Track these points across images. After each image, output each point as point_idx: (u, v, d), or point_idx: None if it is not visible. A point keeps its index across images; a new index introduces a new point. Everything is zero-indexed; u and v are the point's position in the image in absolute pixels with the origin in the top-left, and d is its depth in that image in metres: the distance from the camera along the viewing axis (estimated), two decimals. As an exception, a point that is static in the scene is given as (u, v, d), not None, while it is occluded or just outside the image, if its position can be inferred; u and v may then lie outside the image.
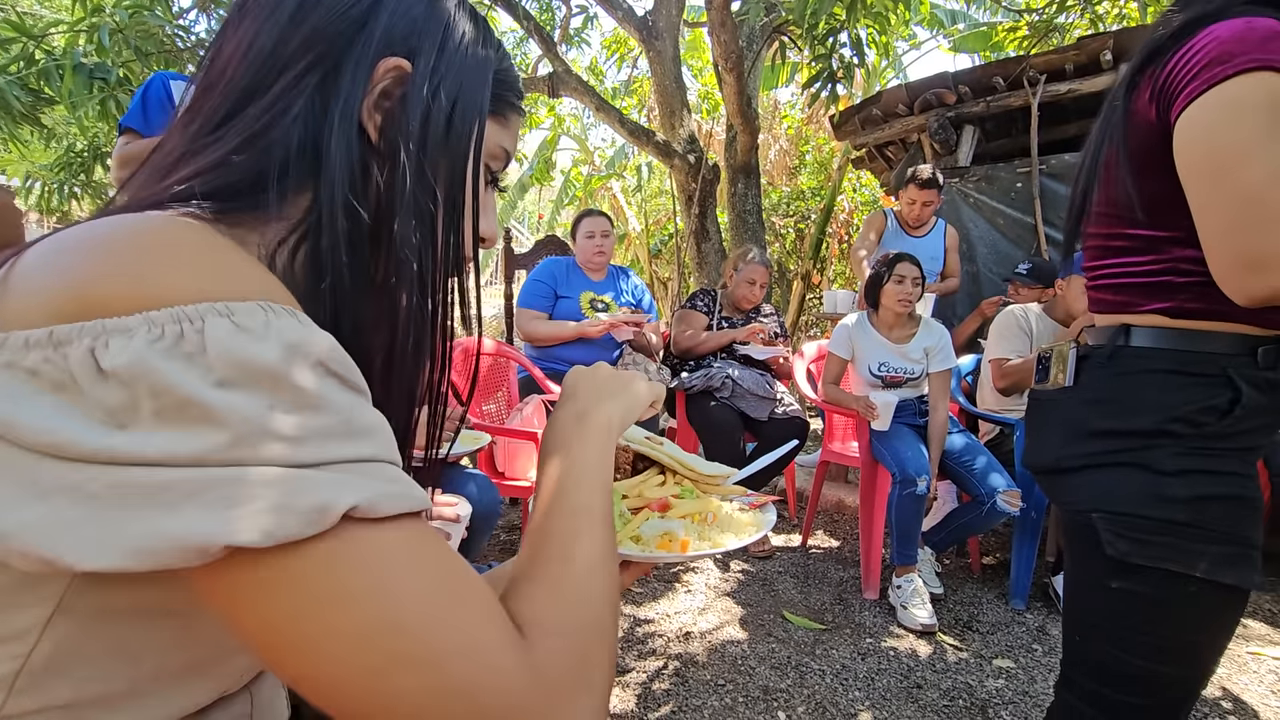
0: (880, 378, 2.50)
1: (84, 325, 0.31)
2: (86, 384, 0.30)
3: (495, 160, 0.54)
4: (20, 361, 0.31)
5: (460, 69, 0.48)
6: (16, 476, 0.30)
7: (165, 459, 0.30)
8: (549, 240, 3.83)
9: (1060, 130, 4.08)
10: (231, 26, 0.46)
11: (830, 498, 3.31)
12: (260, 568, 0.31)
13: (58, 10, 6.66)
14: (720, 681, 1.80)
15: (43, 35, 3.35)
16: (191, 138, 0.43)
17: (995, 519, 2.19)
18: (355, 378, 0.37)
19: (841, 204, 7.87)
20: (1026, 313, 2.55)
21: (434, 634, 0.33)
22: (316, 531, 0.31)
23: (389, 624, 0.32)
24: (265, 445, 0.31)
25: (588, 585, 0.43)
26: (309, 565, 0.32)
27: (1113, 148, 0.83)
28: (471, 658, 0.34)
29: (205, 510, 0.30)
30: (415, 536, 0.35)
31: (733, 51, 4.19)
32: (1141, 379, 0.82)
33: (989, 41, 6.81)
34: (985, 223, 3.93)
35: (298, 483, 0.31)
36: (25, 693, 0.34)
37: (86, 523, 0.30)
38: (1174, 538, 0.78)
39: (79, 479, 0.30)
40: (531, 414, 2.41)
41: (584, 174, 10.25)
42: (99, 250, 0.34)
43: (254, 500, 0.30)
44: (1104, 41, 3.55)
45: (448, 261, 0.48)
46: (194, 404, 0.31)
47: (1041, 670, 1.90)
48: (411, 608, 0.33)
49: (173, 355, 0.31)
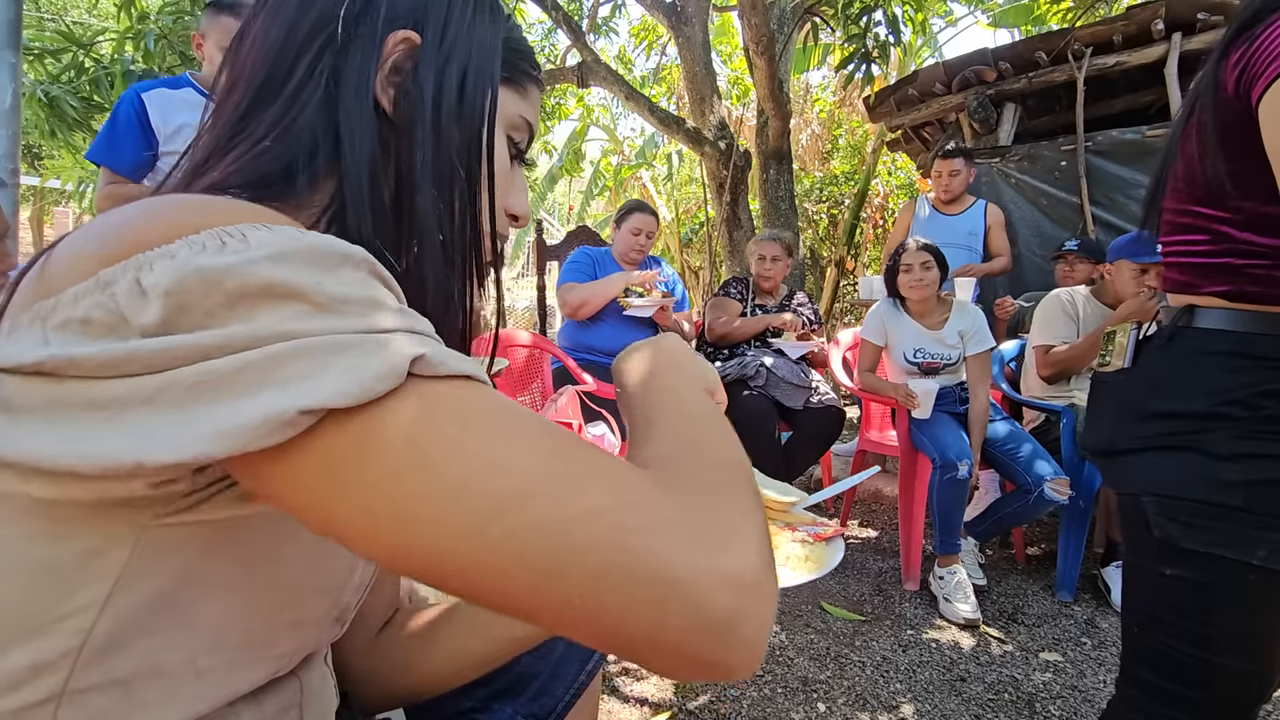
0: (916, 364, 2.45)
1: (128, 262, 0.32)
2: (133, 311, 0.31)
3: (516, 131, 0.53)
4: (73, 315, 0.32)
5: (469, 37, 0.48)
6: (92, 403, 0.31)
7: (227, 347, 0.30)
8: (580, 231, 3.83)
9: (1107, 105, 3.94)
10: (249, 25, 0.47)
11: (867, 487, 3.27)
12: (340, 436, 0.30)
13: (105, 19, 6.87)
14: (758, 672, 1.80)
15: (91, 43, 3.47)
16: (219, 137, 0.45)
17: (1042, 508, 2.13)
18: (395, 286, 0.37)
19: (876, 188, 7.71)
20: (1074, 296, 2.46)
21: (541, 467, 0.31)
22: (390, 387, 0.30)
23: (489, 467, 0.30)
24: (320, 317, 0.31)
25: (709, 438, 0.41)
26: (389, 422, 0.30)
27: (1197, 118, 0.79)
28: (591, 479, 0.31)
29: (278, 386, 0.30)
30: (490, 392, 0.34)
31: (764, 35, 4.12)
32: (1199, 361, 0.80)
33: (1030, 15, 6.56)
34: (1028, 203, 3.81)
35: (364, 344, 0.31)
36: (88, 668, 0.35)
37: (167, 424, 0.30)
38: (1228, 523, 0.75)
39: (150, 388, 0.30)
40: (566, 405, 2.42)
41: (614, 164, 10.23)
42: (138, 210, 0.35)
43: (322, 369, 0.30)
44: (1155, 10, 3.40)
45: (468, 234, 0.48)
46: (246, 288, 0.31)
47: (1090, 664, 1.85)
48: (508, 447, 0.31)
49: (219, 255, 0.31)
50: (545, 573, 0.29)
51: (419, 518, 0.30)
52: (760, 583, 0.32)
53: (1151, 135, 3.40)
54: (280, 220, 0.36)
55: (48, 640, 0.35)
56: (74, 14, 6.57)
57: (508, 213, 0.54)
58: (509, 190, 0.53)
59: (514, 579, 0.30)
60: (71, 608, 0.35)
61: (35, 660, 0.35)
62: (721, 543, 0.32)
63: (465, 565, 0.30)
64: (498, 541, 0.29)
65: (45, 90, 3.26)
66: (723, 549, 0.31)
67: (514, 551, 0.29)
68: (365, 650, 0.65)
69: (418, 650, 0.65)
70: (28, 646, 0.35)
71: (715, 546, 0.31)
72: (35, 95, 3.23)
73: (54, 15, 4.93)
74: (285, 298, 0.31)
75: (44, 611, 0.35)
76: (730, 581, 0.30)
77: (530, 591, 0.30)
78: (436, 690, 0.66)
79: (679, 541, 0.31)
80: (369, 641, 0.65)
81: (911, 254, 2.41)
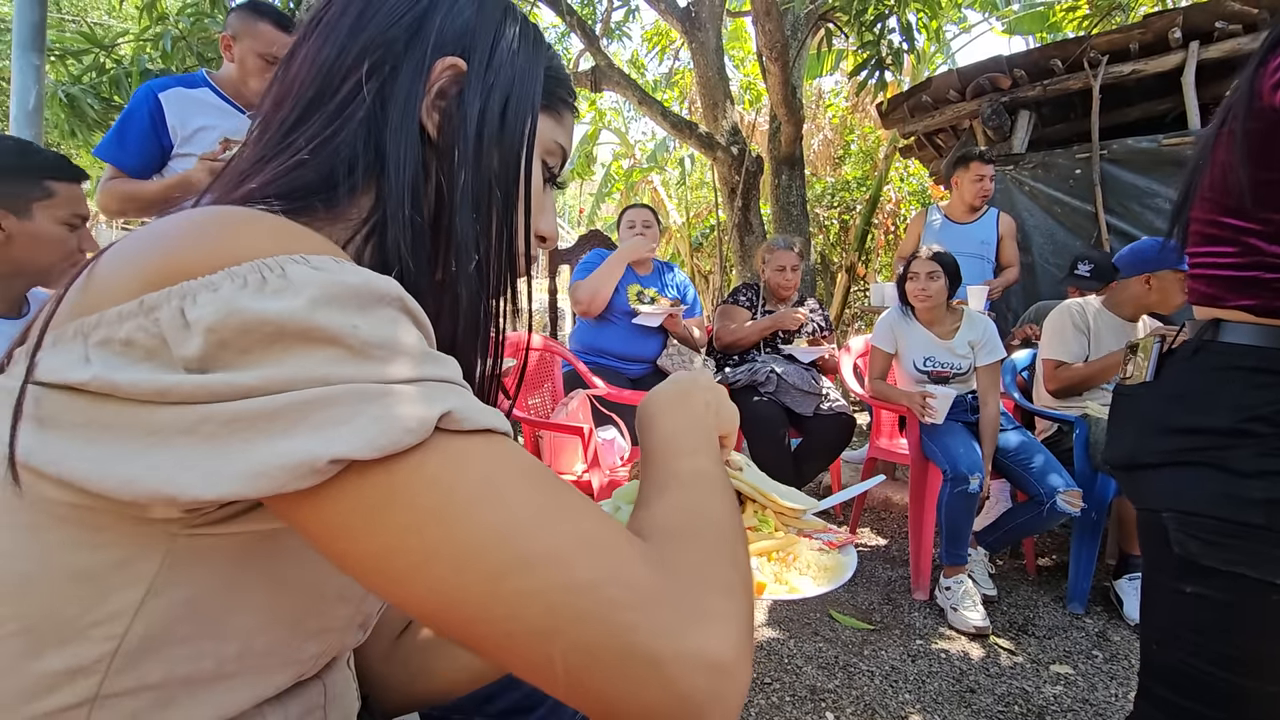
0: (926, 373, 2.44)
1: (171, 289, 0.33)
2: (176, 341, 0.32)
3: (551, 156, 0.54)
4: (115, 335, 0.33)
5: (512, 66, 0.49)
6: (131, 427, 0.32)
7: (262, 388, 0.31)
8: (592, 235, 3.84)
9: (1122, 114, 3.90)
10: (300, 44, 0.49)
11: (877, 495, 3.25)
12: (366, 484, 0.32)
13: (125, 20, 6.96)
14: (766, 680, 1.79)
15: (112, 45, 3.51)
16: (265, 147, 0.46)
17: (1054, 519, 2.12)
18: (425, 321, 0.38)
19: (888, 194, 7.68)
20: (1084, 308, 2.44)
21: (549, 531, 0.33)
22: (417, 441, 0.32)
23: (502, 527, 0.32)
24: (354, 363, 0.33)
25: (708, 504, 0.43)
26: (415, 476, 0.32)
27: (1229, 126, 0.79)
28: (591, 551, 0.33)
29: (311, 431, 0.31)
30: (510, 448, 0.35)
31: (777, 40, 4.12)
32: (1224, 376, 0.79)
33: (1046, 22, 6.54)
34: (1042, 211, 3.79)
35: (394, 395, 0.32)
36: (122, 673, 0.36)
37: (202, 458, 0.31)
38: (1250, 541, 0.74)
39: (194, 419, 0.31)
40: (576, 408, 2.43)
41: (625, 167, 10.25)
42: (173, 229, 0.36)
43: (353, 416, 0.31)
44: (1172, 19, 3.38)
45: (503, 255, 0.49)
46: (285, 330, 0.32)
47: (1102, 677, 1.84)
48: (522, 509, 0.33)
49: (259, 296, 0.32)
50: (538, 633, 0.31)
51: (431, 570, 0.32)
52: (735, 667, 0.33)
53: (1168, 144, 3.38)
54: (317, 245, 0.37)
55: (83, 645, 0.36)
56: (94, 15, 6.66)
57: (536, 233, 0.55)
58: (540, 212, 0.54)
59: (509, 635, 0.32)
60: (105, 614, 0.36)
61: (71, 664, 0.35)
62: (703, 625, 0.33)
63: (467, 617, 0.32)
64: (501, 599, 0.31)
65: (65, 91, 3.31)
66: (704, 631, 0.33)
67: (513, 612, 0.31)
68: (385, 655, 0.66)
69: (435, 655, 0.65)
70: (64, 650, 0.35)
71: (697, 629, 0.33)
72: (56, 95, 3.27)
73: (75, 16, 5.00)
74: (321, 342, 0.32)
75: (79, 617, 0.35)
76: (707, 664, 0.32)
77: (520, 647, 0.32)
78: (454, 694, 0.66)
79: (663, 622, 0.32)
80: (388, 646, 0.66)
81: (920, 263, 2.41)
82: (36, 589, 0.35)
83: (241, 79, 1.96)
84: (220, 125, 1.94)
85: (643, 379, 2.86)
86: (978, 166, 3.26)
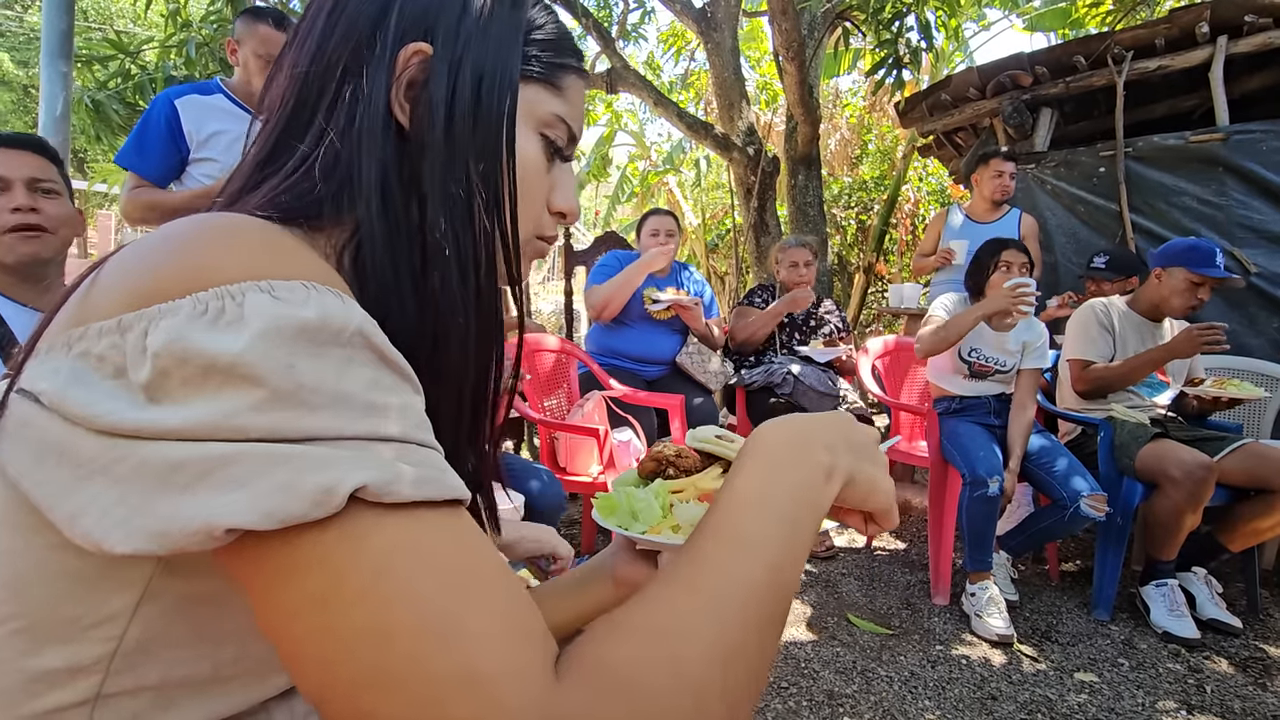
0: (969, 363, 2.37)
1: (144, 311, 0.32)
2: (133, 366, 0.31)
3: (550, 129, 0.49)
4: (92, 349, 0.33)
5: (484, 38, 0.45)
6: (72, 457, 0.32)
7: (183, 431, 0.30)
8: (608, 236, 3.84)
9: (1147, 110, 3.83)
10: (283, 56, 0.47)
11: (896, 497, 3.21)
12: (265, 553, 0.30)
13: (149, 28, 7.10)
14: (783, 684, 1.77)
15: (137, 51, 3.58)
16: (255, 168, 0.45)
17: (1078, 524, 2.07)
18: (393, 355, 0.36)
19: (906, 194, 7.61)
20: (1109, 307, 2.39)
21: (428, 651, 0.29)
22: (323, 514, 0.29)
23: (379, 631, 0.29)
24: (277, 410, 0.30)
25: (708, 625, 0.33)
26: (308, 553, 0.30)
27: None
28: (466, 688, 0.28)
29: (214, 490, 0.29)
30: (436, 528, 0.32)
31: (794, 40, 4.10)
32: None
33: (1068, 19, 6.43)
34: (1064, 210, 3.72)
35: (306, 459, 0.30)
36: (121, 674, 0.37)
37: (118, 505, 0.30)
38: None
39: (111, 458, 0.30)
40: (592, 410, 2.42)
41: (641, 169, 10.25)
42: (164, 244, 0.36)
43: (260, 478, 0.29)
44: (1199, 13, 3.30)
45: (489, 246, 0.45)
46: (215, 366, 0.30)
47: (1129, 686, 1.80)
48: (409, 616, 0.29)
49: (208, 327, 0.31)
50: None
51: (306, 656, 0.30)
52: None
53: (1195, 140, 3.30)
54: (301, 264, 0.36)
55: (82, 646, 0.36)
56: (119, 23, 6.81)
57: (553, 210, 0.52)
58: (553, 189, 0.51)
59: None
60: (102, 615, 0.36)
61: (71, 663, 0.36)
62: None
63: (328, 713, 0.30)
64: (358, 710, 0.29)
65: (91, 97, 3.38)
66: None
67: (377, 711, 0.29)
68: None
69: None
70: (64, 649, 0.36)
71: None
72: (82, 101, 3.34)
73: (100, 24, 5.10)
74: (247, 382, 0.30)
75: (78, 618, 0.36)
76: None
77: None
78: None
79: None
80: None
81: (1012, 253, 2.33)
82: (36, 587, 0.36)
83: (247, 81, 2.02)
84: (234, 129, 1.99)
85: (659, 380, 2.85)
86: (998, 163, 3.22)
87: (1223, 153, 3.21)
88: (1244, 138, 3.18)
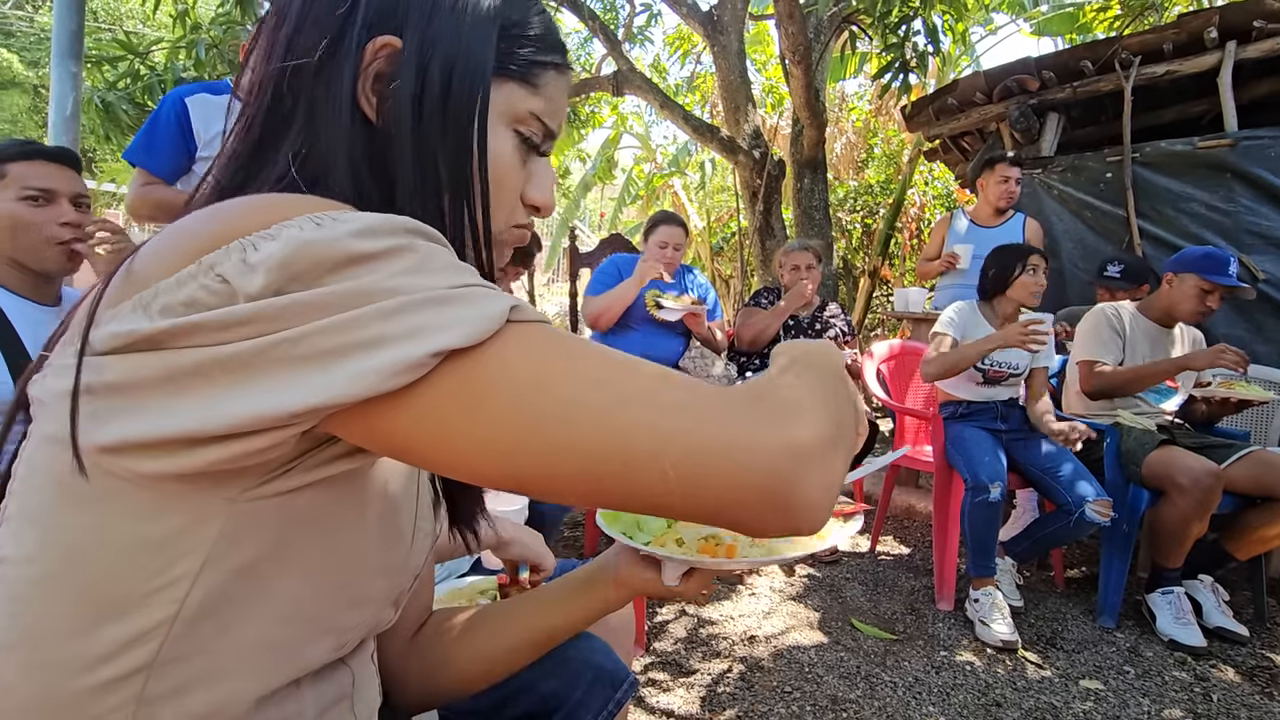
0: (983, 370, 2.35)
1: (229, 246, 0.34)
2: (241, 284, 0.33)
3: (524, 125, 0.49)
4: (175, 299, 0.34)
5: (455, 33, 0.44)
6: (212, 367, 0.33)
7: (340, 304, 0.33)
8: (613, 239, 3.84)
9: (1155, 116, 3.81)
10: (257, 35, 0.47)
11: (900, 503, 3.20)
12: (462, 372, 0.34)
13: (158, 29, 7.14)
14: (787, 688, 1.77)
15: (146, 52, 3.60)
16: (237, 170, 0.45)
17: (1083, 530, 2.06)
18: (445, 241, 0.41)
19: (912, 198, 7.59)
20: (1119, 311, 2.38)
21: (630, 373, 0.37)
22: (497, 328, 0.35)
23: (591, 378, 0.36)
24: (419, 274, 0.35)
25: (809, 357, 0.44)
26: (505, 357, 0.35)
27: None
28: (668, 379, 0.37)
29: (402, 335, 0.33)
30: (564, 330, 0.39)
31: (800, 43, 4.10)
32: None
33: (1075, 23, 6.42)
34: (1071, 216, 3.71)
35: (462, 298, 0.35)
36: (180, 639, 0.38)
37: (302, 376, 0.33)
38: None
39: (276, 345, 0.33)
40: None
41: (646, 172, 10.25)
42: (220, 209, 0.38)
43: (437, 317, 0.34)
44: (1208, 18, 3.29)
45: (459, 239, 0.45)
46: (352, 254, 0.34)
47: (1134, 694, 1.79)
48: (601, 363, 0.37)
49: (319, 231, 0.35)
50: (649, 455, 0.35)
51: (543, 434, 0.34)
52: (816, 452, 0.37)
53: (1203, 146, 3.29)
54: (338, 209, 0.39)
55: (144, 613, 0.37)
56: (129, 24, 6.86)
57: (527, 203, 0.51)
58: (527, 182, 0.51)
59: (627, 465, 0.35)
60: (167, 579, 0.37)
61: (131, 633, 0.37)
62: (785, 419, 0.37)
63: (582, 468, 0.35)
64: (611, 436, 0.35)
65: (101, 96, 3.39)
66: (786, 423, 0.37)
67: (624, 444, 0.35)
68: (402, 653, 0.68)
69: (450, 649, 0.67)
70: (124, 621, 0.37)
71: (780, 422, 0.37)
72: (91, 101, 3.36)
73: (110, 25, 5.14)
74: (386, 257, 0.35)
75: (141, 585, 0.37)
76: (792, 449, 0.36)
77: (638, 474, 0.35)
78: (469, 689, 0.68)
79: (748, 422, 0.36)
80: (405, 645, 0.68)
81: (1039, 257, 2.32)
82: (96, 562, 0.37)
83: None
84: None
85: (663, 383, 2.84)
86: (1003, 168, 3.21)
87: (1231, 159, 3.20)
88: (1253, 144, 3.17)
